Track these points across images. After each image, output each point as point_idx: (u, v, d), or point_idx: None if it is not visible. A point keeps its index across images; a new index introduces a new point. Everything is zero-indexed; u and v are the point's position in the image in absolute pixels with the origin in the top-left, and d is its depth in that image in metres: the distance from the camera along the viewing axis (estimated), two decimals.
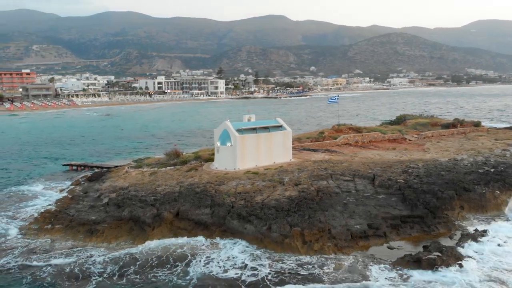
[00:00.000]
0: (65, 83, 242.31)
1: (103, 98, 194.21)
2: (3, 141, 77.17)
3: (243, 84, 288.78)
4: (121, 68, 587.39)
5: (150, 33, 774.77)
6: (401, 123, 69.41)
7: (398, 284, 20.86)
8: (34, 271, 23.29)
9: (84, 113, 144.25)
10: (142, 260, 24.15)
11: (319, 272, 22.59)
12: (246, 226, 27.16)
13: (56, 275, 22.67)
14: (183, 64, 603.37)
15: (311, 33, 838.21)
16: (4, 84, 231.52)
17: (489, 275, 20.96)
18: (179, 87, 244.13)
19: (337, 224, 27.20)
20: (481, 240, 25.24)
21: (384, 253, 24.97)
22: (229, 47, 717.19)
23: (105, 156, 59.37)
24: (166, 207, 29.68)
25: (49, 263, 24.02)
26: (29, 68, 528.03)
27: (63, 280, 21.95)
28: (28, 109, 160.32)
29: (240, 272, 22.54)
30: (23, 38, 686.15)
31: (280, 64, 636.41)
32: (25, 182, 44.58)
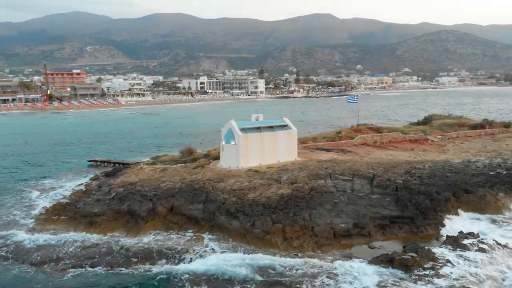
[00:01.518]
0: (113, 83, 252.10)
1: (147, 98, 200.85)
2: (44, 137, 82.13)
3: (284, 83, 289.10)
4: (169, 68, 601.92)
5: (198, 34, 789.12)
6: (428, 123, 67.91)
7: (360, 278, 21.21)
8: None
9: (124, 112, 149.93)
10: (113, 250, 25.73)
11: (289, 266, 23.20)
12: (232, 222, 28.11)
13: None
14: (229, 64, 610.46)
15: (358, 31, 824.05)
16: (56, 84, 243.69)
17: (453, 284, 20.71)
18: (221, 87, 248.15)
19: (322, 222, 27.59)
20: (465, 243, 24.84)
21: (363, 253, 25.14)
22: (274, 46, 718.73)
23: (131, 153, 61.95)
24: (162, 202, 31.15)
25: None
26: (83, 69, 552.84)
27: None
28: (75, 107, 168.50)
29: (210, 266, 23.54)
30: (77, 40, 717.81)
31: (325, 63, 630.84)
32: (51, 176, 47.62)
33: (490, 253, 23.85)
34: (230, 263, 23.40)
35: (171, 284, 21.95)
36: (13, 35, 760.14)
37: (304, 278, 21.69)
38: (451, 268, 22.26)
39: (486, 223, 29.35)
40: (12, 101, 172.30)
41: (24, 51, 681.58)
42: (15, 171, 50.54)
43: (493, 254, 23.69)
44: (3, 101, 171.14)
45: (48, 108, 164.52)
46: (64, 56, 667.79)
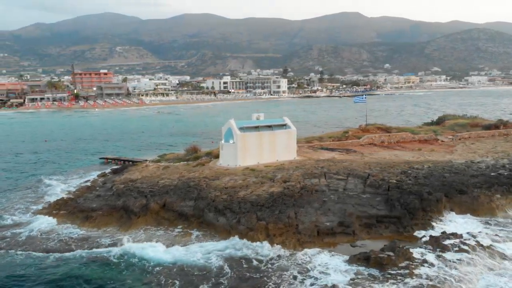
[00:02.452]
0: (139, 83, 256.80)
1: (171, 97, 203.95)
2: (64, 135, 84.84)
3: (308, 83, 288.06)
4: (196, 68, 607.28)
5: (225, 34, 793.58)
6: (441, 123, 66.91)
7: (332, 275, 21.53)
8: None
9: (146, 111, 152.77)
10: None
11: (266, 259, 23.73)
12: (219, 219, 28.78)
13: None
14: (255, 64, 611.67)
15: (386, 30, 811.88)
16: (84, 83, 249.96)
17: (422, 283, 20.72)
18: (244, 87, 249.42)
19: (307, 220, 27.93)
20: (446, 244, 24.73)
21: (344, 251, 25.34)
22: (300, 46, 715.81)
23: (144, 151, 63.27)
24: (155, 199, 32.07)
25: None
26: (113, 69, 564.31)
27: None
28: (100, 106, 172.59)
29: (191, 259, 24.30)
30: (107, 40, 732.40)
31: (352, 62, 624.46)
32: (62, 172, 49.36)
33: (471, 254, 23.68)
34: (203, 255, 24.16)
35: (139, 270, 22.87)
36: (46, 35, 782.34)
37: (276, 272, 22.14)
38: (426, 268, 22.26)
39: (475, 224, 29.03)
40: (40, 100, 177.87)
41: (56, 51, 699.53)
42: (29, 168, 52.63)
43: (473, 256, 23.52)
44: (32, 100, 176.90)
45: (73, 107, 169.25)
46: (95, 56, 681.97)
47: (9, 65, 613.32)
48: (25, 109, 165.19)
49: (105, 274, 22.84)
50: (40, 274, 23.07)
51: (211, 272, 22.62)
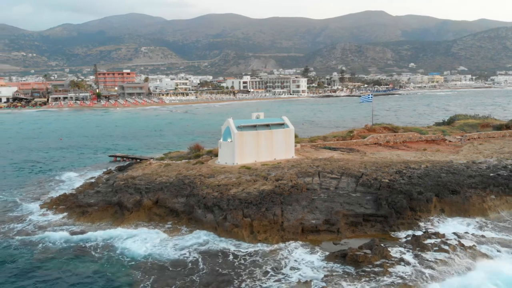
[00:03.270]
0: (161, 83, 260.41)
1: (190, 97, 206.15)
2: (80, 133, 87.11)
3: (329, 82, 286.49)
4: (219, 68, 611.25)
5: (248, 34, 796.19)
6: (451, 123, 65.99)
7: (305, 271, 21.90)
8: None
9: (164, 110, 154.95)
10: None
11: (255, 259, 24.20)
12: (207, 215, 29.40)
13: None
14: (277, 64, 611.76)
15: (411, 28, 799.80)
16: (107, 83, 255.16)
17: (393, 281, 20.85)
18: (263, 86, 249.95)
19: (293, 218, 28.29)
20: (426, 243, 24.73)
21: (326, 248, 25.64)
22: (323, 45, 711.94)
23: (154, 149, 64.51)
24: (149, 195, 32.93)
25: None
26: (138, 69, 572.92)
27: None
28: (121, 106, 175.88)
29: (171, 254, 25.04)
30: (132, 41, 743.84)
31: (376, 61, 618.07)
32: (70, 169, 50.79)
33: (450, 254, 23.62)
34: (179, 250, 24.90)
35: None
36: (73, 36, 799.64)
37: (248, 268, 22.62)
38: (401, 266, 22.36)
39: (464, 224, 28.88)
40: (63, 99, 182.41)
41: (83, 51, 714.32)
42: (40, 164, 54.38)
43: (452, 255, 23.46)
44: (55, 99, 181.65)
45: (95, 106, 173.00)
46: (121, 56, 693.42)
47: (38, 65, 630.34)
48: (48, 107, 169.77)
49: (87, 266, 23.72)
50: (22, 265, 24.14)
51: (185, 266, 23.23)
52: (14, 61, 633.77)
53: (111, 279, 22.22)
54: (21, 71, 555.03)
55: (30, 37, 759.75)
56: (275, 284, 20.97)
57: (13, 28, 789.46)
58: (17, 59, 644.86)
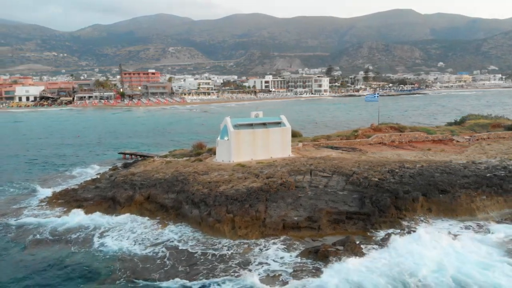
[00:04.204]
0: (184, 82, 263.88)
1: (212, 96, 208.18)
2: (98, 131, 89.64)
3: (353, 81, 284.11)
4: (245, 68, 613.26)
5: (274, 34, 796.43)
6: (462, 123, 65.00)
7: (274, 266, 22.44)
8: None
9: (184, 109, 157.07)
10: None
11: (224, 253, 24.86)
12: (193, 211, 30.22)
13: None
14: (302, 63, 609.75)
15: (440, 27, 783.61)
16: (133, 82, 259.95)
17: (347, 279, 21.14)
18: (285, 86, 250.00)
19: (276, 214, 28.81)
20: (399, 240, 24.89)
21: (305, 245, 26.05)
22: (350, 44, 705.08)
23: (163, 146, 65.82)
24: (141, 191, 34.01)
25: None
26: (165, 69, 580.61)
27: None
28: (143, 105, 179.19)
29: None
30: (160, 41, 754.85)
31: (404, 60, 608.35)
32: (79, 165, 52.59)
33: (419, 252, 23.74)
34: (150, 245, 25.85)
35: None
36: (103, 36, 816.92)
37: (214, 262, 23.32)
38: (368, 262, 22.65)
39: (448, 223, 28.80)
40: (88, 98, 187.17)
41: (112, 51, 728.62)
42: (51, 160, 56.54)
43: (421, 254, 23.56)
44: (80, 98, 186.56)
45: (118, 105, 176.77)
46: (149, 56, 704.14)
47: (69, 64, 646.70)
48: (73, 106, 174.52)
49: (67, 256, 24.95)
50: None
51: (149, 261, 24.10)
52: (45, 61, 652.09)
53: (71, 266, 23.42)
54: (52, 70, 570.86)
55: (61, 38, 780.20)
56: (234, 279, 21.54)
57: (45, 28, 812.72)
58: (49, 59, 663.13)
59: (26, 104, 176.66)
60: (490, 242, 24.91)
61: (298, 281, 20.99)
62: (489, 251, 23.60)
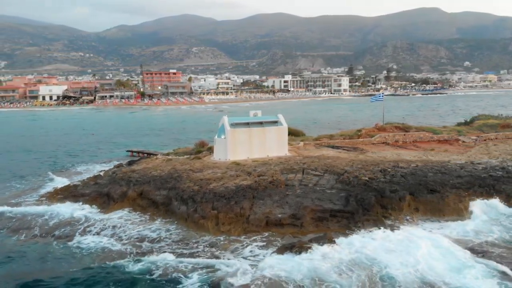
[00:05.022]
0: (204, 82, 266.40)
1: (230, 96, 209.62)
2: (113, 129, 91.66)
3: (374, 81, 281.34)
4: (267, 68, 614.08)
5: (296, 33, 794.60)
6: (471, 124, 64.13)
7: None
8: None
9: (200, 109, 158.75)
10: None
11: (205, 249, 25.50)
12: (180, 207, 30.96)
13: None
14: (325, 63, 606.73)
15: (467, 25, 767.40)
16: (155, 82, 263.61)
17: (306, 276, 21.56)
18: (305, 85, 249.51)
19: (260, 211, 29.29)
20: (375, 237, 25.11)
21: (286, 241, 26.48)
22: (373, 43, 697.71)
23: (172, 145, 66.96)
24: (135, 187, 34.95)
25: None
26: (188, 69, 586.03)
27: None
28: (162, 104, 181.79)
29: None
30: (184, 41, 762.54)
31: (428, 59, 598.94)
32: (87, 163, 54.08)
33: (396, 246, 23.96)
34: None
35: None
36: (128, 37, 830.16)
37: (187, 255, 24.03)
38: (339, 255, 23.08)
39: (431, 223, 28.78)
40: (109, 98, 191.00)
41: (137, 52, 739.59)
42: (61, 156, 58.45)
43: (396, 249, 23.77)
44: (101, 98, 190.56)
45: (138, 105, 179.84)
46: (173, 56, 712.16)
47: (95, 65, 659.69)
48: (94, 105, 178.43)
49: (43, 247, 26.16)
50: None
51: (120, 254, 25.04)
52: (72, 61, 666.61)
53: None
54: (79, 70, 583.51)
55: (88, 38, 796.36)
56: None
57: (72, 29, 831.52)
58: (75, 59, 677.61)
59: (49, 103, 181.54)
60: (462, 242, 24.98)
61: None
62: (455, 250, 23.75)
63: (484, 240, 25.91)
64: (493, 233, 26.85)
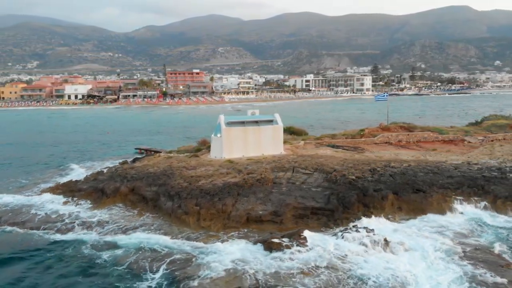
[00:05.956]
0: (226, 82, 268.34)
1: (250, 95, 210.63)
2: (126, 128, 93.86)
3: (399, 80, 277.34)
4: (292, 67, 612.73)
5: (322, 32, 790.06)
6: (480, 124, 63.06)
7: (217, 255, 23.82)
8: None
9: (217, 108, 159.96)
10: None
11: (183, 242, 26.36)
12: (166, 203, 31.91)
13: None
14: (351, 62, 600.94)
15: (498, 24, 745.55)
16: (178, 82, 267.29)
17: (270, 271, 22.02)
18: (327, 85, 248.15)
19: (242, 208, 29.94)
20: (348, 236, 25.37)
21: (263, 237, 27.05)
22: (401, 41, 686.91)
23: (182, 142, 68.22)
24: (128, 183, 36.11)
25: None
26: (214, 69, 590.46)
27: None
28: (183, 103, 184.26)
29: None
30: (210, 42, 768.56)
31: (458, 58, 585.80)
32: (94, 160, 55.83)
33: (367, 247, 24.14)
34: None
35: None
36: (156, 37, 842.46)
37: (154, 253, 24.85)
38: (305, 254, 23.41)
39: (412, 223, 28.80)
40: (132, 97, 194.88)
41: (164, 52, 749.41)
42: (73, 153, 60.35)
43: (368, 249, 23.97)
44: (124, 97, 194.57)
45: (159, 104, 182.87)
46: (199, 56, 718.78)
47: (123, 65, 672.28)
48: (117, 104, 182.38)
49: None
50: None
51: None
52: (102, 61, 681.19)
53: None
54: (108, 70, 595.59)
55: (117, 39, 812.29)
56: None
57: (101, 29, 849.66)
58: (105, 59, 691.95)
59: (74, 102, 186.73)
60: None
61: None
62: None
63: (460, 241, 25.75)
64: (470, 236, 26.63)
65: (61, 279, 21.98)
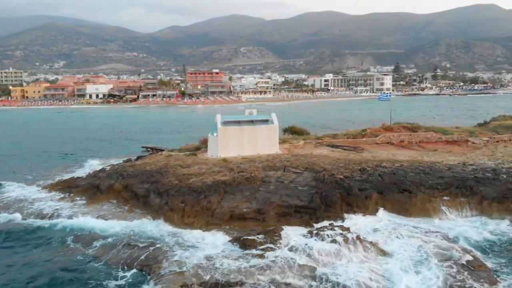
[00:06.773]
0: (245, 81, 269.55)
1: (267, 95, 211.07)
2: (142, 127, 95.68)
3: (421, 80, 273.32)
4: (314, 66, 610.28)
5: (345, 31, 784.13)
6: (488, 124, 62.14)
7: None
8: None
9: (230, 107, 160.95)
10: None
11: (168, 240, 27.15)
12: (155, 200, 32.78)
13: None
14: (374, 61, 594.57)
15: None
16: (198, 82, 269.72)
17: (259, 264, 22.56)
18: (346, 84, 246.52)
19: (227, 205, 30.57)
20: (323, 234, 25.65)
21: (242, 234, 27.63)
22: (426, 40, 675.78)
23: (188, 141, 69.23)
24: (122, 180, 37.17)
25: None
26: (236, 69, 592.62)
27: None
28: (201, 103, 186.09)
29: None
30: (233, 42, 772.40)
31: (484, 57, 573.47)
32: (101, 157, 57.31)
33: (340, 245, 24.38)
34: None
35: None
36: (180, 37, 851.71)
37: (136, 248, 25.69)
38: (279, 252, 23.81)
39: (396, 222, 28.90)
40: (152, 97, 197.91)
41: (188, 52, 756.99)
42: (81, 151, 62.08)
43: (340, 247, 24.22)
44: (144, 97, 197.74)
45: (178, 103, 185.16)
46: (222, 56, 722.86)
47: (147, 65, 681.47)
48: (137, 104, 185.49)
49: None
50: None
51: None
52: (126, 61, 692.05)
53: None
54: (132, 70, 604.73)
55: (141, 39, 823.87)
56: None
57: (126, 30, 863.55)
58: (130, 59, 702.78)
59: (94, 101, 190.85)
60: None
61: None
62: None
63: (437, 244, 25.64)
64: (447, 239, 26.55)
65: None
